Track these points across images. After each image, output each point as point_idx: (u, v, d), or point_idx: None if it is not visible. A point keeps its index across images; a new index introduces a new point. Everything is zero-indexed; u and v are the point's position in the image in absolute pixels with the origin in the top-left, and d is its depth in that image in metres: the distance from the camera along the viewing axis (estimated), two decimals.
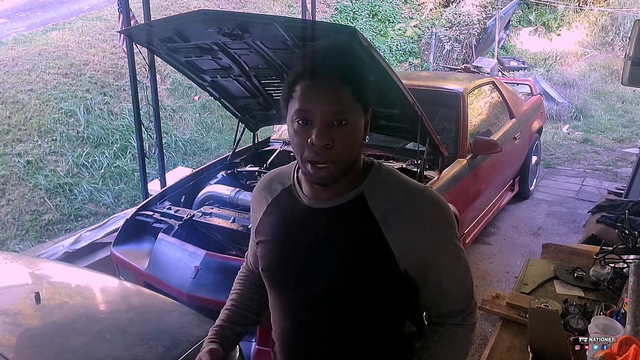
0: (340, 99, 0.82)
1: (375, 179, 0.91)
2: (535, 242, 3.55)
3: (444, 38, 9.26)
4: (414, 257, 0.88)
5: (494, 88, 3.88)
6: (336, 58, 0.85)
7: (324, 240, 0.91)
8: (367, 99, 0.86)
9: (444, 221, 0.91)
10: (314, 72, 0.83)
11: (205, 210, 2.52)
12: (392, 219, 0.87)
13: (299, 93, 0.83)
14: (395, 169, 0.96)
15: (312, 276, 0.92)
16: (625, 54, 3.15)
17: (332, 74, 0.82)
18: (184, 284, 2.13)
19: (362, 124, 0.86)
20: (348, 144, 0.84)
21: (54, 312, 1.59)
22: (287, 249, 0.95)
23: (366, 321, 0.93)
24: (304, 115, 0.83)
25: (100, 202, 4.22)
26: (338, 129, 0.82)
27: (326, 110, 0.82)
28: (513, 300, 1.58)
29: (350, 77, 0.83)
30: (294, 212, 0.95)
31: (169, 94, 6.00)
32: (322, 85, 0.82)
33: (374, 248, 0.87)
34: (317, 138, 0.81)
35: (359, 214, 0.89)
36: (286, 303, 0.98)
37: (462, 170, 2.90)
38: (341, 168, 0.85)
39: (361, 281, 0.89)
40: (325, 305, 0.93)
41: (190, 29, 2.26)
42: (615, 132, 6.85)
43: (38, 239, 3.68)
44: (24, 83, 5.13)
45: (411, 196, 0.90)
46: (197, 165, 4.58)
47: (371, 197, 0.89)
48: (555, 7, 11.97)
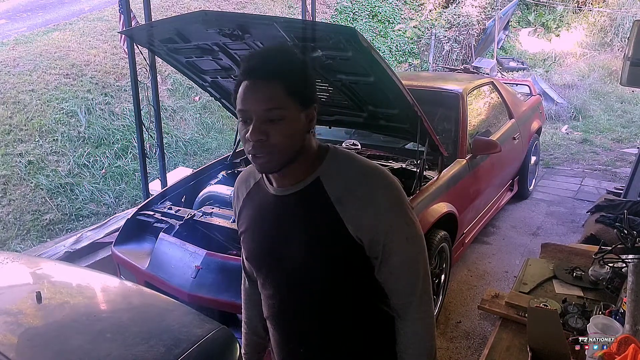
0: (272, 97, 0.88)
1: (331, 164, 0.97)
2: (534, 242, 3.56)
3: (443, 39, 9.27)
4: (367, 235, 0.94)
5: (493, 88, 3.89)
6: (268, 57, 0.91)
7: (290, 223, 1.00)
8: (303, 94, 0.91)
9: (395, 201, 0.96)
10: (247, 73, 0.89)
11: (205, 210, 2.53)
12: (345, 199, 0.94)
13: (239, 94, 0.90)
14: (352, 152, 1.02)
15: (285, 257, 1.01)
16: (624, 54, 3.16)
17: (264, 73, 0.88)
18: (184, 283, 2.13)
19: (300, 119, 0.91)
20: (283, 138, 0.89)
21: (55, 312, 1.60)
22: (263, 235, 1.04)
23: (339, 295, 1.01)
24: (243, 114, 0.90)
25: (101, 202, 4.22)
26: (272, 125, 0.88)
27: (259, 108, 0.88)
28: (512, 299, 1.58)
29: (282, 74, 0.88)
30: (265, 201, 1.03)
31: (170, 95, 6.01)
32: (255, 85, 0.88)
33: (332, 227, 0.94)
34: (251, 134, 0.88)
35: (316, 197, 0.96)
36: (269, 283, 1.07)
37: (461, 170, 2.91)
38: (280, 158, 0.91)
39: (326, 258, 0.97)
40: (300, 283, 1.02)
41: (190, 29, 2.26)
42: (614, 132, 6.85)
43: (39, 239, 3.69)
44: (25, 83, 5.13)
45: (362, 177, 0.95)
46: (197, 166, 4.59)
47: (327, 180, 0.96)
48: (555, 8, 11.98)
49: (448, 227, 2.68)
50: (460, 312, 2.81)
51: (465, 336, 2.60)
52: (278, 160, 0.91)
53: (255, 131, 0.88)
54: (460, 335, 2.61)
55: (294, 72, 0.91)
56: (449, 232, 2.67)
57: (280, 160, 0.91)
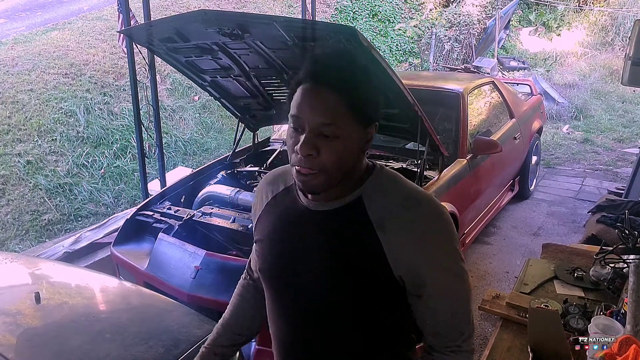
0: (331, 110, 0.78)
1: (375, 183, 0.88)
2: (535, 242, 3.55)
3: (444, 38, 9.26)
4: (407, 266, 0.84)
5: (494, 88, 3.88)
6: (335, 63, 0.81)
7: (318, 242, 0.89)
8: (367, 112, 0.82)
9: (443, 234, 0.86)
10: (309, 78, 0.80)
11: (205, 210, 2.52)
12: (389, 224, 0.84)
13: (295, 98, 0.81)
14: (398, 174, 0.92)
15: (306, 278, 0.90)
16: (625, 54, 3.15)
17: (327, 80, 0.78)
18: (184, 283, 2.13)
19: (357, 138, 0.82)
20: (335, 158, 0.80)
21: (54, 312, 1.59)
22: (282, 249, 0.93)
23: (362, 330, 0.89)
24: (296, 121, 0.81)
25: (100, 202, 4.22)
26: (326, 141, 0.79)
27: (314, 120, 0.79)
28: (513, 300, 1.58)
29: (346, 85, 0.78)
30: (292, 212, 0.92)
31: (169, 94, 6.00)
32: (315, 93, 0.79)
33: (369, 253, 0.84)
34: (301, 147, 0.79)
35: (355, 218, 0.86)
36: (281, 304, 0.96)
37: (462, 170, 2.90)
38: (327, 179, 0.82)
39: (353, 289, 0.86)
40: (319, 309, 0.90)
41: (190, 29, 2.26)
42: (615, 132, 6.85)
43: (38, 239, 3.68)
44: (24, 83, 5.13)
45: (408, 202, 0.86)
46: (197, 165, 4.58)
47: (369, 201, 0.86)
48: (555, 7, 11.98)
49: None
50: None
51: None
52: (324, 182, 0.82)
53: (306, 145, 0.79)
54: None
55: (360, 85, 0.80)
56: None
57: (326, 181, 0.82)
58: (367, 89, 0.82)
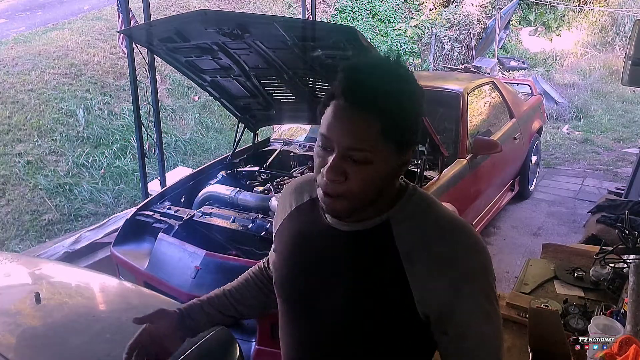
0: (366, 135, 0.71)
1: (407, 207, 0.80)
2: (535, 242, 3.55)
3: (444, 38, 9.26)
4: (435, 304, 0.76)
5: (494, 88, 3.88)
6: (375, 82, 0.71)
7: (339, 265, 0.82)
8: (403, 136, 0.74)
9: (479, 269, 0.77)
10: (345, 93, 0.72)
11: (205, 210, 2.52)
12: (418, 256, 0.76)
13: (326, 115, 0.75)
14: (433, 197, 0.84)
15: (321, 302, 0.83)
16: (625, 54, 3.15)
17: (365, 103, 0.70)
18: (184, 284, 2.13)
19: (391, 164, 0.75)
20: (364, 184, 0.74)
21: (54, 312, 1.59)
22: (300, 266, 0.87)
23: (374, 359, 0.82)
24: (325, 141, 0.74)
25: (100, 202, 4.22)
26: (356, 166, 0.73)
27: (346, 143, 0.72)
28: (513, 300, 1.58)
29: (387, 110, 0.70)
30: (315, 227, 0.86)
31: (169, 94, 6.00)
32: (349, 113, 0.72)
33: (391, 285, 0.77)
34: (328, 171, 0.73)
35: (381, 244, 0.79)
36: (294, 323, 0.90)
37: (462, 170, 2.90)
38: (353, 205, 0.76)
39: (372, 319, 0.79)
40: (331, 333, 0.83)
41: (190, 29, 2.26)
42: (615, 132, 6.85)
43: (38, 239, 3.68)
44: (24, 83, 5.13)
45: (444, 233, 0.78)
46: (197, 165, 4.58)
47: (398, 227, 0.79)
48: (555, 7, 11.97)
49: None
50: None
51: None
52: (350, 207, 0.76)
53: (334, 170, 0.73)
54: None
55: (402, 108, 0.72)
56: None
57: (352, 207, 0.76)
58: (409, 113, 0.74)
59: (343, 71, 0.74)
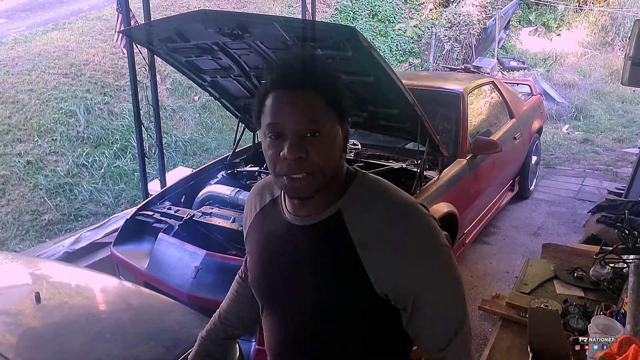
0: (311, 108, 0.78)
1: (356, 194, 0.85)
2: (535, 242, 3.55)
3: (443, 38, 9.26)
4: (391, 284, 0.81)
5: (494, 88, 3.88)
6: (303, 66, 0.80)
7: (301, 260, 0.87)
8: (342, 106, 0.82)
9: (432, 247, 0.82)
10: (279, 83, 0.79)
11: (205, 210, 2.52)
12: (370, 240, 0.81)
13: (268, 106, 0.80)
14: (381, 180, 0.89)
15: (291, 295, 0.89)
16: (625, 54, 3.15)
17: (301, 82, 0.78)
18: (184, 283, 2.13)
19: (338, 134, 0.82)
20: (324, 155, 0.79)
21: (54, 312, 1.59)
22: (270, 265, 0.93)
23: (351, 340, 0.88)
24: (275, 128, 0.79)
25: (100, 202, 4.22)
26: (312, 140, 0.78)
27: (297, 121, 0.77)
28: (513, 300, 1.58)
29: (321, 83, 0.79)
30: (277, 227, 0.91)
31: (169, 94, 6.00)
32: (291, 96, 0.78)
33: (349, 271, 0.82)
34: (289, 152, 0.77)
35: (335, 234, 0.83)
36: (271, 317, 0.96)
37: (462, 170, 2.90)
38: (318, 180, 0.80)
39: (338, 304, 0.85)
40: (306, 326, 0.89)
41: (190, 29, 2.26)
42: (615, 132, 6.85)
43: (38, 239, 3.68)
44: (24, 83, 5.13)
45: (393, 215, 0.82)
46: (197, 165, 4.58)
47: (350, 215, 0.83)
48: (555, 7, 11.98)
49: (448, 227, 2.68)
50: None
51: None
52: (318, 182, 0.80)
53: (295, 148, 0.77)
54: None
55: (331, 81, 0.81)
56: (449, 232, 2.67)
57: (319, 181, 0.80)
58: (338, 85, 0.83)
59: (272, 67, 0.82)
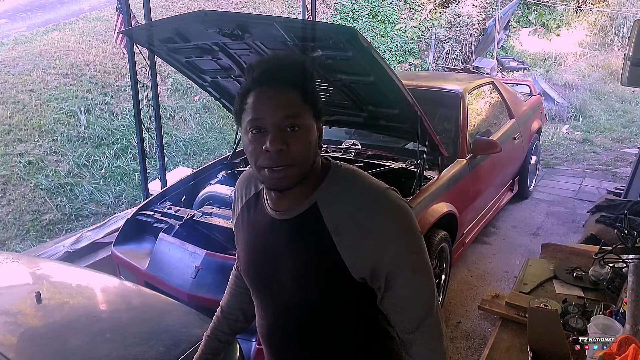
0: (290, 103, 0.84)
1: (330, 185, 0.90)
2: (534, 242, 3.56)
3: (443, 38, 9.27)
4: (366, 268, 0.87)
5: (494, 88, 3.89)
6: (282, 64, 0.87)
7: (283, 251, 0.93)
8: (317, 104, 0.88)
9: (400, 229, 0.88)
10: (262, 81, 0.84)
11: (205, 210, 2.53)
12: (344, 228, 0.87)
13: (250, 103, 0.85)
14: (354, 170, 0.95)
15: (276, 285, 0.95)
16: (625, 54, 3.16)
17: (281, 79, 0.84)
18: (184, 283, 2.13)
19: (314, 130, 0.87)
20: (303, 147, 0.84)
21: (54, 312, 1.60)
22: (255, 255, 0.99)
23: (337, 327, 0.94)
24: (257, 123, 0.84)
25: (101, 202, 4.22)
26: (292, 134, 0.83)
27: (278, 115, 0.83)
28: (512, 299, 1.58)
29: (298, 81, 0.85)
30: (261, 219, 0.97)
31: (170, 94, 6.00)
32: (271, 92, 0.84)
33: (326, 260, 0.87)
34: (271, 144, 0.82)
35: (312, 226, 0.89)
36: (259, 303, 1.03)
37: (461, 170, 2.90)
38: (297, 172, 0.85)
39: (320, 293, 0.91)
40: (291, 313, 0.96)
41: (190, 29, 2.26)
42: (614, 132, 6.85)
43: (39, 239, 3.69)
44: (24, 83, 5.13)
45: (363, 202, 0.87)
46: (197, 165, 4.59)
47: (325, 206, 0.89)
48: (555, 8, 11.99)
49: (448, 227, 2.68)
50: (461, 312, 2.81)
51: (465, 336, 2.60)
52: (297, 174, 0.85)
53: (276, 140, 0.82)
54: (461, 335, 2.61)
55: (308, 80, 0.88)
56: (449, 232, 2.67)
57: (298, 173, 0.85)
58: (313, 84, 0.89)
59: (252, 67, 0.87)
